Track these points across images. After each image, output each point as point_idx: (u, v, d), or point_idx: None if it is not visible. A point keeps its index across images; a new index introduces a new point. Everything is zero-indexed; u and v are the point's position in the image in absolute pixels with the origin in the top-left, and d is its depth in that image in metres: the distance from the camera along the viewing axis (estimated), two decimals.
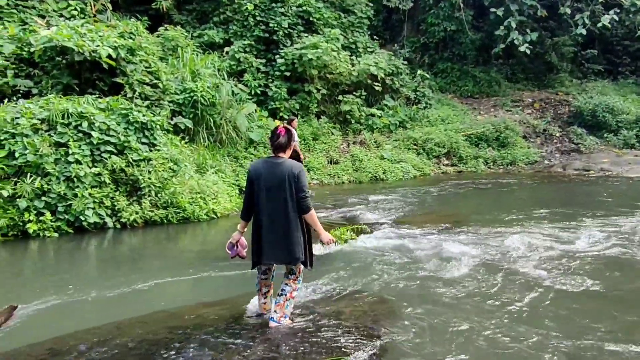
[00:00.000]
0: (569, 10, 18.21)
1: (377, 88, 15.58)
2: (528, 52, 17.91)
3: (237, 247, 4.29)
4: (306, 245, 4.07)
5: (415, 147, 15.19)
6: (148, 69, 10.45)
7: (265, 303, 4.33)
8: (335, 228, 7.29)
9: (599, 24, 17.87)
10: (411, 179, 13.64)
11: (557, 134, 18.12)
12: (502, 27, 17.89)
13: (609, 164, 15.37)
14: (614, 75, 22.52)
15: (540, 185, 13.06)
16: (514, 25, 17.77)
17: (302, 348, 3.77)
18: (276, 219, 3.93)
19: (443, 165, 15.28)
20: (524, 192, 12.32)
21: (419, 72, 17.84)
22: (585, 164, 15.57)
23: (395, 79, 16.53)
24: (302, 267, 4.14)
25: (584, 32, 18.08)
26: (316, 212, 4.09)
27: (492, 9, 18.23)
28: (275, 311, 4.10)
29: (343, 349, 3.77)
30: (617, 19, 18.04)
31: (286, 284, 4.13)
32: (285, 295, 4.10)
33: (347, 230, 7.21)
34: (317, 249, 6.65)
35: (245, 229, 4.25)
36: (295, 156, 12.78)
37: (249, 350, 3.71)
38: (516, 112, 18.80)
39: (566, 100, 19.68)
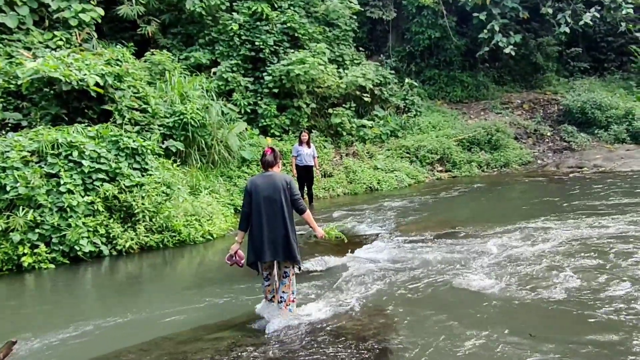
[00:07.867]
0: (550, 11, 18.40)
1: (366, 99, 15.63)
2: (513, 53, 18.05)
3: (236, 257, 4.78)
4: (297, 247, 4.66)
5: (408, 155, 15.21)
6: (136, 95, 10.45)
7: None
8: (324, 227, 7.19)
9: (581, 22, 18.03)
10: (406, 187, 13.64)
11: (549, 134, 18.20)
12: (485, 31, 18.05)
13: (602, 160, 15.44)
14: (600, 71, 22.65)
15: (535, 185, 13.08)
16: (497, 28, 17.91)
17: None
18: (276, 221, 4.51)
19: (437, 171, 15.28)
20: (519, 193, 12.34)
21: (406, 80, 17.91)
22: (579, 161, 15.63)
23: (383, 89, 16.60)
24: (293, 270, 4.70)
25: (567, 30, 18.24)
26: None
27: (475, 14, 18.41)
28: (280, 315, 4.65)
29: None
30: (598, 16, 18.21)
31: (283, 292, 4.67)
32: (285, 301, 4.68)
33: (335, 227, 7.11)
34: (316, 265, 6.64)
35: (243, 240, 4.74)
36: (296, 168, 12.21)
37: None
38: (506, 114, 18.88)
39: (555, 100, 19.80)
